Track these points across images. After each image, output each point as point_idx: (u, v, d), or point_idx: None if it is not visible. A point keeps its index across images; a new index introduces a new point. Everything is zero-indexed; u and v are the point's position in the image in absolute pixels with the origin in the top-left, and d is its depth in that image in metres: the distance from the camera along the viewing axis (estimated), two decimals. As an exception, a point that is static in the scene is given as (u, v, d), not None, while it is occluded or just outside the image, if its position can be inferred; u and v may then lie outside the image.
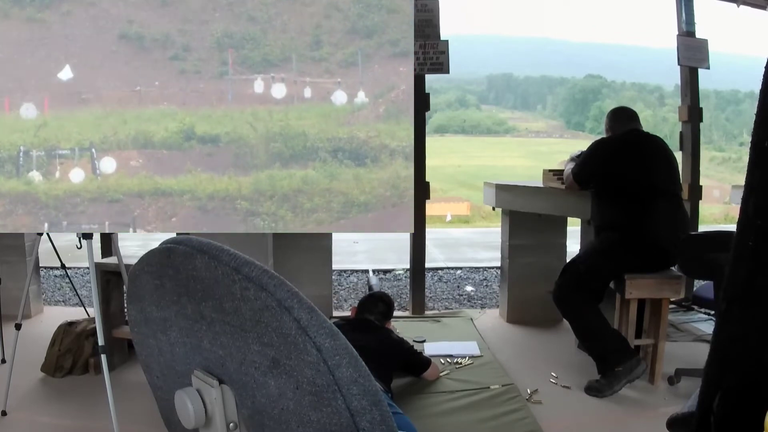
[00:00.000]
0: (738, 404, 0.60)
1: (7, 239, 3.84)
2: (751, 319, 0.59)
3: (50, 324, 3.35)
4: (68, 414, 2.64)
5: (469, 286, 5.64)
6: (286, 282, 0.56)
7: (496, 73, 46.06)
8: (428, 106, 4.17)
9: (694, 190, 4.47)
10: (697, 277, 3.63)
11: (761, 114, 0.56)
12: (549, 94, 43.03)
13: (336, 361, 0.54)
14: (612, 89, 39.63)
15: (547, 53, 51.35)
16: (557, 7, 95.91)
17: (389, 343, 2.73)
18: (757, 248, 0.57)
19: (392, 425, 0.56)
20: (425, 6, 3.96)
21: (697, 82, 4.48)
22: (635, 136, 3.08)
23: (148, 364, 0.75)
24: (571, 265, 3.05)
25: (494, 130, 36.86)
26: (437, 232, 10.53)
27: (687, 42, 4.43)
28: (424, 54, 3.96)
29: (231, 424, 0.62)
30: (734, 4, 4.63)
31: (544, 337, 3.70)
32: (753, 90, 21.17)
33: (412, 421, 2.27)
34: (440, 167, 20.76)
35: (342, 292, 5.37)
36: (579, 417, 2.66)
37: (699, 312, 4.11)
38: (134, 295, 0.72)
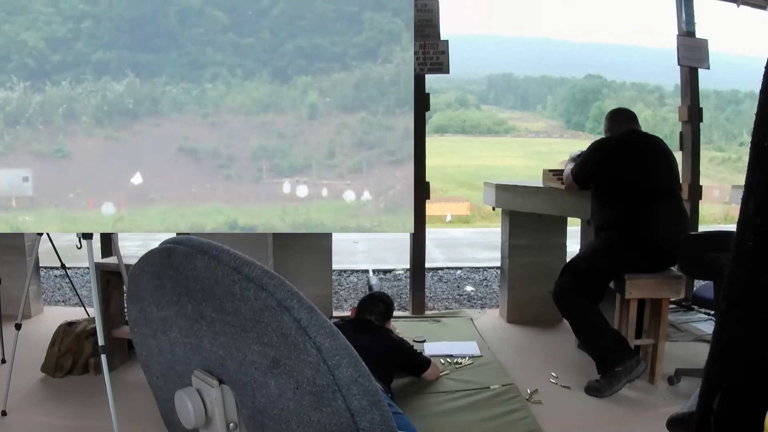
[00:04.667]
0: (738, 404, 0.60)
1: (7, 239, 3.84)
2: (751, 319, 0.59)
3: (50, 324, 3.35)
4: (68, 414, 2.64)
5: (469, 286, 5.64)
6: (286, 282, 0.56)
7: (496, 73, 46.06)
8: (428, 106, 4.17)
9: (694, 190, 4.47)
10: (697, 277, 3.62)
11: (761, 114, 0.56)
12: (549, 94, 43.01)
13: (336, 361, 0.54)
14: (612, 89, 39.61)
15: (547, 53, 51.34)
16: (557, 7, 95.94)
17: (389, 343, 2.73)
18: (757, 248, 0.57)
19: (392, 425, 0.56)
20: (425, 6, 3.96)
21: (697, 82, 4.49)
22: (634, 137, 3.08)
23: (148, 364, 0.75)
24: (571, 265, 3.05)
25: (494, 130, 36.84)
26: (437, 232, 10.54)
27: (687, 42, 4.43)
28: (424, 54, 3.96)
29: (231, 424, 0.62)
30: (734, 4, 4.63)
31: (544, 337, 3.70)
32: (753, 90, 21.20)
33: (412, 421, 2.27)
34: (440, 167, 20.76)
35: (342, 292, 5.37)
36: (579, 417, 2.65)
37: (699, 312, 4.11)
38: (134, 295, 0.72)
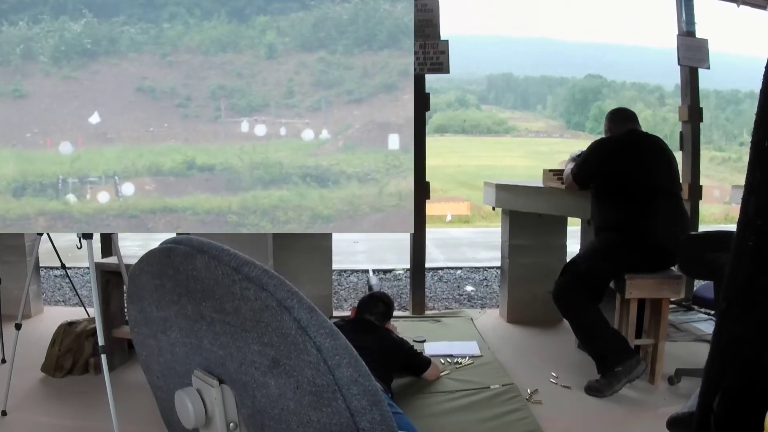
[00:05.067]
0: (738, 404, 0.60)
1: (7, 239, 3.84)
2: (751, 319, 0.59)
3: (50, 324, 3.35)
4: (68, 414, 2.64)
5: (469, 286, 5.64)
6: (286, 282, 0.56)
7: (496, 73, 46.04)
8: (428, 106, 4.17)
9: (694, 190, 4.47)
10: (697, 277, 3.62)
11: (761, 114, 0.56)
12: (549, 94, 43.00)
13: (336, 361, 0.54)
14: (612, 89, 39.59)
15: (547, 53, 51.32)
16: (557, 7, 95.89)
17: (389, 343, 2.73)
18: (757, 248, 0.57)
19: (392, 425, 0.56)
20: (425, 6, 3.96)
21: (697, 82, 4.49)
22: (634, 137, 3.08)
23: (148, 364, 0.75)
24: (571, 264, 3.05)
25: (494, 130, 36.82)
26: (437, 232, 10.53)
27: (687, 42, 4.43)
28: (424, 54, 3.96)
29: (231, 424, 0.62)
30: (734, 4, 4.63)
31: (544, 337, 3.70)
32: (753, 90, 21.19)
33: (412, 421, 2.27)
34: (440, 167, 20.73)
35: (342, 292, 5.37)
36: (579, 417, 2.65)
37: (699, 312, 4.11)
38: (134, 295, 0.72)
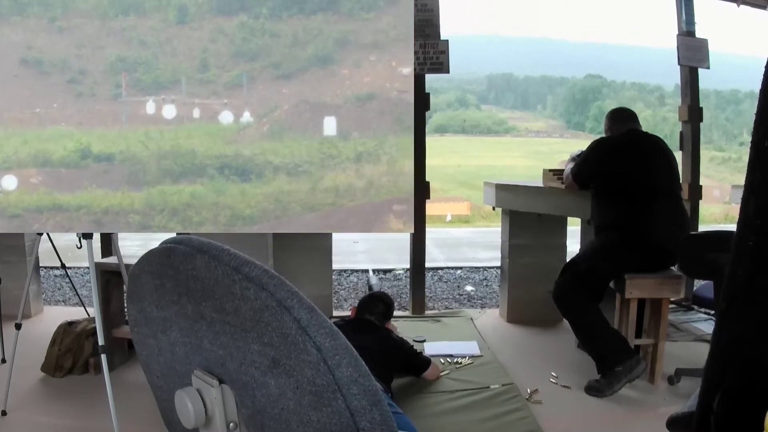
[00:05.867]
0: (738, 404, 0.60)
1: (7, 239, 3.84)
2: (751, 319, 0.59)
3: (50, 324, 3.35)
4: (68, 414, 2.64)
5: (469, 285, 5.65)
6: (286, 282, 0.56)
7: (496, 73, 46.05)
8: (428, 106, 4.17)
9: (694, 190, 4.47)
10: (697, 277, 3.62)
11: (761, 114, 0.56)
12: (549, 94, 43.01)
13: (336, 360, 0.54)
14: (612, 89, 39.61)
15: (547, 53, 51.32)
16: (557, 6, 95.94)
17: (389, 343, 2.73)
18: (757, 248, 0.57)
19: (392, 425, 0.56)
20: (425, 6, 3.96)
21: (697, 82, 4.49)
22: (634, 136, 3.08)
23: (148, 364, 0.75)
24: (571, 264, 3.06)
25: (494, 130, 36.83)
26: (437, 232, 10.53)
27: (687, 42, 4.43)
28: (424, 54, 3.96)
29: (231, 423, 0.62)
30: (734, 4, 4.63)
31: (544, 337, 3.70)
32: (753, 90, 21.17)
33: (412, 421, 2.27)
34: (440, 167, 20.72)
35: (342, 292, 5.37)
36: (579, 417, 2.65)
37: (699, 312, 4.11)
38: (134, 295, 0.72)
